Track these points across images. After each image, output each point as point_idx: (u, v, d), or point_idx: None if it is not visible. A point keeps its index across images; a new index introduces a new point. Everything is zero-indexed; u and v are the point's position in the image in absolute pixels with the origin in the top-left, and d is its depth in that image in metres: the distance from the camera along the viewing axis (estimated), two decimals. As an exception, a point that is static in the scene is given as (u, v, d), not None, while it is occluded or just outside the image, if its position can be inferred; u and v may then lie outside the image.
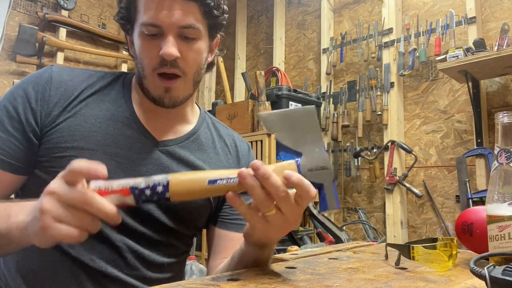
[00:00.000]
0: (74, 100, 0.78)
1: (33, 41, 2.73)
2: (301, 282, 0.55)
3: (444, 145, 2.31)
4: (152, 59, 0.75)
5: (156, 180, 0.54)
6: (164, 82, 0.76)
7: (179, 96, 0.79)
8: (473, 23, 2.19)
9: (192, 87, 0.81)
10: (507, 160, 0.63)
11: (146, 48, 0.76)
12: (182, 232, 0.84)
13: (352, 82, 2.73)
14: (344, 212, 2.69)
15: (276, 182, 0.54)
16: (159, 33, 0.74)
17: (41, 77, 0.78)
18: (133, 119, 0.81)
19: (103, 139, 0.76)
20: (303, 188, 0.55)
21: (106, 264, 0.74)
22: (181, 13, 0.73)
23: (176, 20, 0.73)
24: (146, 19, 0.74)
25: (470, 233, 0.73)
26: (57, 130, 0.74)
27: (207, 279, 0.57)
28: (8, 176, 0.73)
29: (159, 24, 0.73)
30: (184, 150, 0.85)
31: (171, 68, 0.75)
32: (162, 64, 0.74)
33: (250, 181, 0.54)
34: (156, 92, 0.78)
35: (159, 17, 0.72)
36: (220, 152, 0.91)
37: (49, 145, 0.74)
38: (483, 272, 0.43)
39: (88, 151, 0.74)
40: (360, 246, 0.93)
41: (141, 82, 0.81)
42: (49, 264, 0.74)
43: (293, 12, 3.22)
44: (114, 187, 0.53)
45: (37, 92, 0.76)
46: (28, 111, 0.74)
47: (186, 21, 0.74)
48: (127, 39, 0.85)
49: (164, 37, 0.74)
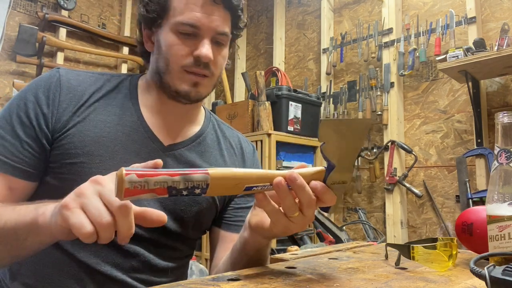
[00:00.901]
0: (82, 105, 0.77)
1: (33, 41, 2.73)
2: (301, 282, 0.55)
3: (444, 145, 2.31)
4: (183, 57, 0.77)
5: (195, 181, 0.52)
6: (194, 77, 0.79)
7: (203, 93, 0.82)
8: (473, 23, 2.19)
9: (212, 88, 0.85)
10: (507, 160, 0.63)
11: (179, 46, 0.77)
12: (188, 236, 0.85)
13: (352, 82, 2.73)
14: (344, 212, 2.69)
15: (308, 192, 0.57)
16: (194, 34, 0.77)
17: (50, 82, 0.77)
18: (141, 123, 0.81)
19: (112, 145, 0.76)
20: (328, 197, 0.58)
21: (111, 268, 0.74)
22: (219, 19, 0.78)
23: (215, 25, 0.77)
24: (186, 19, 0.76)
25: (470, 233, 0.73)
26: (67, 135, 0.74)
27: (207, 279, 0.57)
28: (23, 184, 0.73)
29: (199, 26, 0.76)
30: (191, 153, 0.85)
31: (203, 69, 0.78)
32: (195, 64, 0.77)
33: (284, 191, 0.56)
34: (183, 86, 0.79)
35: (201, 20, 0.76)
36: (226, 153, 0.91)
37: (59, 151, 0.74)
38: (483, 272, 0.43)
39: (97, 157, 0.74)
40: (360, 246, 0.93)
41: (159, 77, 0.81)
42: (53, 267, 0.73)
43: (293, 12, 3.22)
44: (151, 184, 0.49)
45: (47, 98, 0.75)
46: (40, 116, 0.74)
47: (222, 28, 0.79)
48: (142, 34, 0.84)
49: (200, 38, 0.77)
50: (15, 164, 0.71)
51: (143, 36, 0.84)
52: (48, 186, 0.74)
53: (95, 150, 0.74)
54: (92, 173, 0.72)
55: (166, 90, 0.81)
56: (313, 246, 2.03)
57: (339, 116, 2.69)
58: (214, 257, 0.89)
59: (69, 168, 0.73)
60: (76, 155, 0.73)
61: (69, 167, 0.73)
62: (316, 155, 2.69)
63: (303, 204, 0.57)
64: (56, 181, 0.74)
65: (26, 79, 2.78)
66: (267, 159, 2.34)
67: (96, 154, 0.74)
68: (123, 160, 0.76)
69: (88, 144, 0.74)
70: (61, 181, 0.73)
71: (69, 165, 0.73)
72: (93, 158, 0.74)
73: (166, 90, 0.81)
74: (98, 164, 0.74)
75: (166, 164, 0.80)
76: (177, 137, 0.85)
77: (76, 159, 0.73)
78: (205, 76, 0.79)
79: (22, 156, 0.72)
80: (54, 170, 0.74)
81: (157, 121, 0.83)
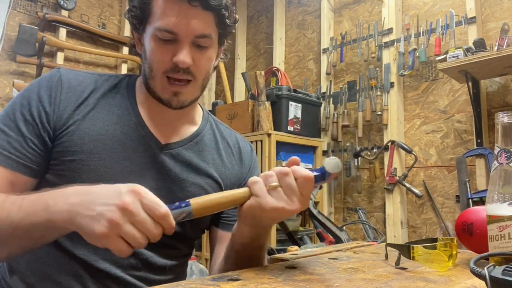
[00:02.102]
0: (82, 104, 0.79)
1: (33, 41, 2.73)
2: (301, 282, 0.55)
3: (444, 145, 2.31)
4: (163, 63, 0.76)
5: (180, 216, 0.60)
6: (173, 86, 0.78)
7: (187, 99, 0.81)
8: (473, 23, 2.19)
9: (200, 91, 0.83)
10: (507, 160, 0.63)
11: (159, 52, 0.76)
12: (186, 235, 0.85)
13: (352, 82, 2.73)
14: (344, 212, 2.69)
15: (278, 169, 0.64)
16: (173, 39, 0.75)
17: (51, 81, 0.79)
18: (139, 122, 0.82)
19: (110, 143, 0.77)
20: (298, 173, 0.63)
21: (110, 265, 0.74)
22: (198, 22, 0.75)
23: (193, 29, 0.75)
24: (162, 25, 0.74)
25: (470, 233, 0.73)
26: (67, 133, 0.75)
27: (207, 279, 0.57)
28: (24, 179, 0.74)
29: (175, 31, 0.74)
30: (188, 152, 0.85)
31: (183, 74, 0.77)
32: (174, 69, 0.76)
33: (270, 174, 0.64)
34: (164, 95, 0.79)
35: (177, 25, 0.74)
36: (223, 153, 0.92)
37: (60, 148, 0.75)
38: (483, 272, 0.43)
39: (96, 155, 0.75)
40: (360, 246, 0.93)
41: (147, 82, 0.82)
42: (51, 264, 0.74)
43: (293, 12, 3.22)
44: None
45: (49, 96, 0.77)
46: (43, 114, 0.75)
47: (202, 31, 0.76)
48: (134, 36, 0.85)
49: (179, 44, 0.75)
50: (18, 160, 0.72)
51: (135, 39, 0.85)
52: (47, 183, 0.75)
53: (94, 148, 0.75)
54: (91, 171, 0.73)
55: (153, 95, 0.82)
56: (313, 246, 2.03)
57: (339, 116, 2.69)
58: (212, 257, 0.89)
59: (68, 165, 0.74)
60: (75, 152, 0.74)
61: (68, 164, 0.74)
62: (316, 155, 2.69)
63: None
64: (55, 178, 0.75)
65: (26, 79, 2.78)
66: (267, 159, 2.34)
67: (95, 151, 0.75)
68: (121, 157, 0.77)
69: (87, 142, 0.75)
70: (60, 178, 0.74)
71: (68, 162, 0.74)
72: (92, 156, 0.75)
73: (153, 95, 0.82)
74: (97, 162, 0.75)
75: (163, 163, 0.81)
76: (174, 136, 0.85)
77: (75, 156, 0.74)
78: (188, 81, 0.78)
79: (25, 152, 0.73)
80: (54, 167, 0.75)
81: (154, 120, 0.84)
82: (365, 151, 2.56)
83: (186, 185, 0.82)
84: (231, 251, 0.76)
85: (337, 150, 2.72)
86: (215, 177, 0.87)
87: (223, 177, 0.88)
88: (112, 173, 0.75)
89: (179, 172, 0.82)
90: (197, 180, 0.84)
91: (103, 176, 0.74)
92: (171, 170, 0.81)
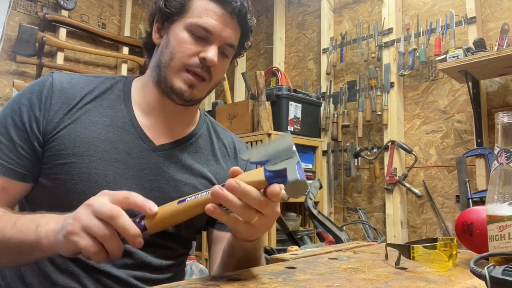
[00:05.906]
0: (74, 107, 0.79)
1: (33, 41, 2.73)
2: (301, 282, 0.55)
3: (444, 145, 2.31)
4: (189, 56, 0.80)
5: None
6: (193, 77, 0.81)
7: (197, 95, 0.83)
8: (473, 23, 2.19)
9: (206, 93, 0.87)
10: (507, 160, 0.63)
11: (188, 44, 0.80)
12: (181, 235, 0.85)
13: (352, 82, 2.73)
14: (344, 212, 2.69)
15: (256, 195, 0.54)
16: (205, 38, 0.80)
17: (43, 86, 0.79)
18: (132, 124, 0.82)
19: (102, 145, 0.77)
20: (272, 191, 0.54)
21: (107, 264, 0.75)
22: (231, 32, 0.83)
23: (226, 36, 0.82)
24: (201, 22, 0.79)
25: (470, 233, 0.73)
26: (58, 137, 0.76)
27: (207, 279, 0.57)
28: (16, 184, 0.75)
29: (212, 32, 0.80)
30: (182, 153, 0.85)
31: (203, 72, 0.81)
32: (197, 65, 0.80)
33: (225, 197, 0.54)
34: (179, 84, 0.81)
35: (214, 27, 0.80)
36: (219, 154, 0.92)
37: (51, 152, 0.75)
38: (483, 272, 0.43)
39: (88, 157, 0.75)
40: (360, 246, 0.93)
41: (159, 70, 0.83)
42: (50, 264, 0.74)
43: (293, 12, 3.22)
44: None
45: (40, 101, 0.77)
46: (32, 119, 0.76)
47: (232, 41, 0.83)
48: (153, 23, 0.86)
49: (209, 43, 0.80)
50: (8, 166, 0.74)
51: (152, 28, 0.86)
52: (41, 187, 0.76)
53: (85, 151, 0.76)
54: (82, 173, 0.74)
55: (162, 84, 0.83)
56: (313, 246, 2.03)
57: (339, 116, 2.69)
58: (210, 257, 0.90)
59: (60, 169, 0.75)
60: (66, 155, 0.75)
61: (60, 168, 0.75)
62: (316, 155, 2.69)
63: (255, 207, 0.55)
64: (48, 182, 0.75)
65: (26, 79, 2.78)
66: (267, 159, 2.33)
67: (86, 154, 0.75)
68: (114, 159, 0.77)
69: (78, 144, 0.76)
70: (53, 181, 0.75)
71: (60, 165, 0.75)
72: (83, 158, 0.75)
73: (162, 84, 0.83)
74: (88, 164, 0.75)
75: (157, 164, 0.82)
76: (169, 137, 0.86)
77: (66, 160, 0.75)
78: (204, 80, 0.82)
79: (15, 158, 0.74)
80: (46, 171, 0.76)
81: (149, 121, 0.84)
82: (365, 151, 2.56)
83: (180, 185, 0.82)
84: (232, 258, 0.74)
85: (337, 150, 2.72)
86: (209, 177, 0.87)
87: (217, 177, 0.88)
88: (104, 174, 0.75)
89: (173, 173, 0.82)
90: (191, 181, 0.84)
91: (95, 178, 0.74)
92: (164, 171, 0.81)
